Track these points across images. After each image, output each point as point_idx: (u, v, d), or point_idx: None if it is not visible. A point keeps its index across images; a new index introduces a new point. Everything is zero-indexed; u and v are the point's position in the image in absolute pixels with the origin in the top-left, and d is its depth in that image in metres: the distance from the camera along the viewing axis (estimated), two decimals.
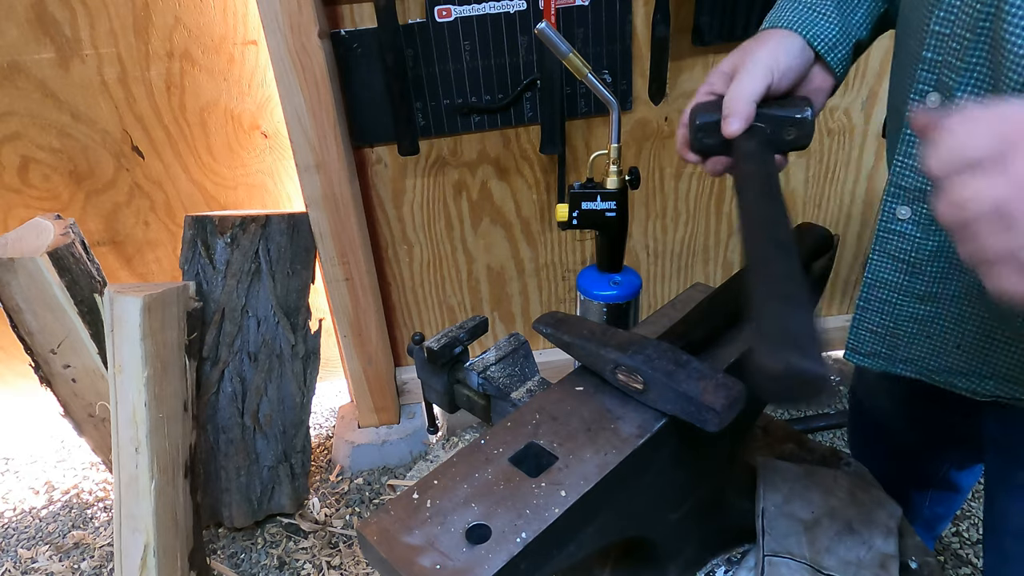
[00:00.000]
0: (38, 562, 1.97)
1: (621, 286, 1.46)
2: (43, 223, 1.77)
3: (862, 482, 0.90)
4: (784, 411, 2.30)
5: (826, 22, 0.81)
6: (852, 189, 2.06)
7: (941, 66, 0.69)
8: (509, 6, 1.67)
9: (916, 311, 0.84)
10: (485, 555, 0.53)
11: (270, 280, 1.85)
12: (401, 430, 2.20)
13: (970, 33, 0.65)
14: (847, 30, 0.83)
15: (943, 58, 0.69)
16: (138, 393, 1.58)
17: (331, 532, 1.99)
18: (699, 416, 0.62)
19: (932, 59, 0.70)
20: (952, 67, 0.67)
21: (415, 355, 0.94)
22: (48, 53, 1.74)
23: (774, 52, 0.78)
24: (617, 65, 1.77)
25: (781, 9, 0.83)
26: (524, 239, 2.05)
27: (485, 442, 0.65)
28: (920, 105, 0.74)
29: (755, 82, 0.75)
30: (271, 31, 1.58)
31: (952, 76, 0.68)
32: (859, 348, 0.92)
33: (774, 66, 0.77)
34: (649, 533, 0.76)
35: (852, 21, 0.84)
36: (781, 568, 0.79)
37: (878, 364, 0.90)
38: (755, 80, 0.75)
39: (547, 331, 0.75)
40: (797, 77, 0.80)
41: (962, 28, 0.65)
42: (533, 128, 1.86)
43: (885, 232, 0.82)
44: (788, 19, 0.81)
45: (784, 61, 0.78)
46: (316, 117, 1.69)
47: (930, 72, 0.71)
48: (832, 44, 0.82)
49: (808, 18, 0.81)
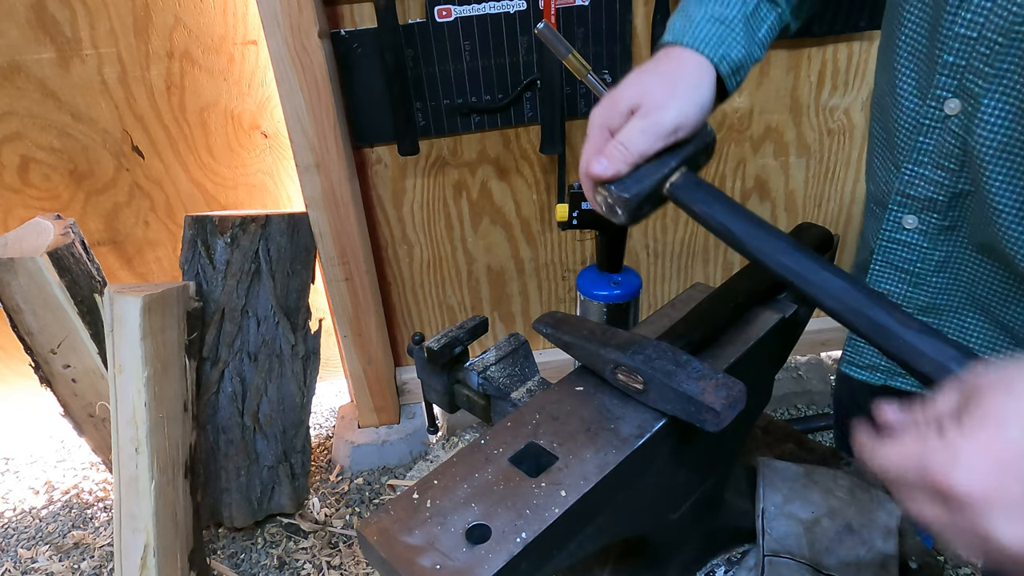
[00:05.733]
0: (38, 562, 1.97)
1: (621, 286, 1.46)
2: (43, 223, 1.77)
3: (862, 482, 0.90)
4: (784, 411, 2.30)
5: (734, 41, 0.73)
6: (852, 189, 2.06)
7: (965, 71, 0.66)
8: (509, 6, 1.67)
9: None
10: (485, 555, 0.53)
11: (270, 280, 1.85)
12: (401, 430, 2.20)
13: (1002, 38, 0.62)
14: (750, 50, 0.75)
15: (968, 63, 0.65)
16: (138, 393, 1.58)
17: (331, 532, 1.99)
18: (699, 416, 0.62)
19: (954, 63, 0.66)
20: (979, 72, 0.65)
21: (415, 355, 0.94)
22: (48, 53, 1.74)
23: (689, 99, 0.68)
24: (617, 65, 1.76)
25: (687, 19, 0.74)
26: (524, 239, 2.05)
27: (485, 442, 0.65)
28: (938, 111, 0.70)
29: (652, 142, 0.66)
30: (271, 31, 1.58)
31: (979, 82, 0.65)
32: (857, 360, 0.90)
33: (681, 124, 0.67)
34: (649, 533, 0.76)
35: (755, 39, 0.77)
36: (781, 568, 0.79)
37: (876, 378, 0.88)
38: (652, 140, 0.66)
39: (547, 331, 0.75)
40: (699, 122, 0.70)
41: (993, 32, 0.62)
42: (533, 128, 1.86)
43: (889, 242, 0.79)
44: (698, 36, 0.72)
45: (693, 116, 0.68)
46: (316, 117, 1.69)
47: (950, 77, 0.67)
48: (735, 67, 0.74)
49: (718, 35, 0.72)
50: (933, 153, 0.73)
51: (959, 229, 0.75)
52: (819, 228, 0.89)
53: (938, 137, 0.72)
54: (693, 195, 0.68)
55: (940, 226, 0.75)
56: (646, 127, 0.67)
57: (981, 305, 0.77)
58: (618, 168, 0.66)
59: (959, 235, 0.75)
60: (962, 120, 0.68)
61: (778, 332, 0.80)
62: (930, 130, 0.72)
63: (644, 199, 0.68)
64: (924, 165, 0.74)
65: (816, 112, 1.92)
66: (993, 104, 0.64)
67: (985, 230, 0.71)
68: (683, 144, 0.70)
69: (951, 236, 0.76)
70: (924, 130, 0.73)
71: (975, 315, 0.78)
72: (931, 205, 0.75)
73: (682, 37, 0.73)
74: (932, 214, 0.75)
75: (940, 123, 0.71)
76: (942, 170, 0.73)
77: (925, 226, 0.76)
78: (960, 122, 0.69)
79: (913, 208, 0.76)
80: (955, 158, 0.71)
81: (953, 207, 0.74)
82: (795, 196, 2.06)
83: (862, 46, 1.82)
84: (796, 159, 1.99)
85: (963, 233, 0.75)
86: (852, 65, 1.84)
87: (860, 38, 1.80)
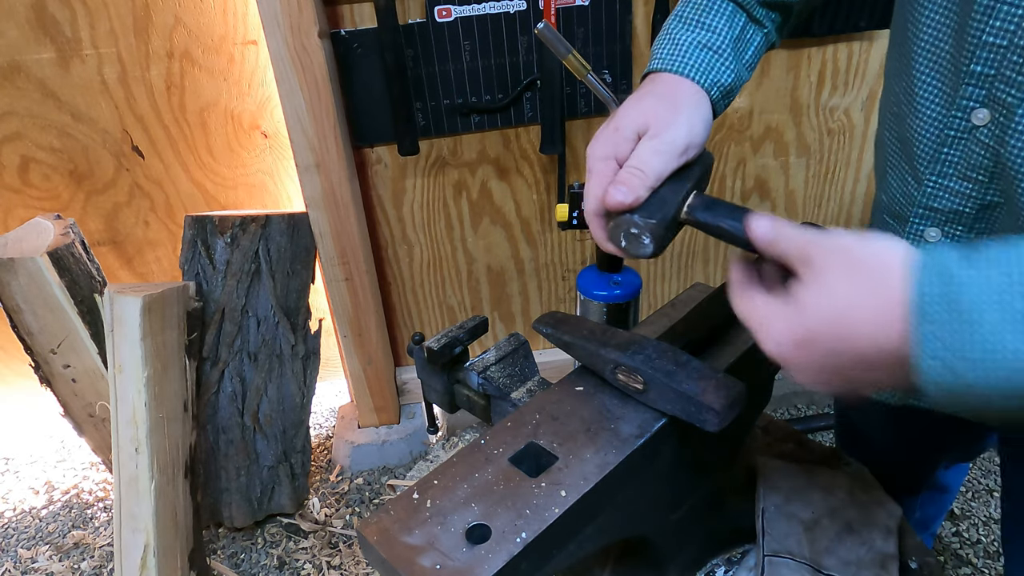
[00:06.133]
0: (38, 562, 1.97)
1: (621, 286, 1.46)
2: (43, 223, 1.77)
3: (862, 482, 0.90)
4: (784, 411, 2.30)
5: (723, 67, 0.73)
6: (852, 189, 2.06)
7: (995, 80, 0.63)
8: (509, 6, 1.67)
9: None
10: (485, 555, 0.53)
11: (270, 280, 1.85)
12: (401, 430, 2.20)
13: None
14: (739, 74, 0.75)
15: (998, 72, 0.63)
16: (138, 393, 1.58)
17: (331, 532, 1.99)
18: (699, 416, 0.62)
19: (983, 73, 0.64)
20: (1011, 82, 0.62)
21: (415, 355, 0.94)
22: (48, 53, 1.74)
23: (692, 125, 0.68)
24: (617, 65, 1.77)
25: (676, 46, 0.74)
26: (524, 239, 2.05)
27: (485, 442, 0.65)
28: (964, 121, 0.67)
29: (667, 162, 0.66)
30: (271, 31, 1.58)
31: (1011, 92, 0.62)
32: None
33: (691, 141, 0.67)
34: (649, 533, 0.76)
35: (743, 61, 0.77)
36: (781, 568, 0.79)
37: (892, 396, 0.88)
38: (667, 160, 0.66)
39: (547, 331, 0.75)
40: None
41: None
42: (533, 128, 1.86)
43: None
44: (689, 64, 0.72)
45: (701, 135, 0.69)
46: (316, 117, 1.69)
47: (979, 87, 0.65)
48: (726, 92, 0.74)
49: (708, 62, 0.72)
50: (959, 165, 0.70)
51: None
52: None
53: (964, 148, 0.69)
54: (716, 213, 0.65)
55: (965, 239, 0.73)
56: (658, 147, 0.65)
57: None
58: (638, 193, 0.64)
59: None
60: (992, 131, 0.66)
61: None
62: (956, 141, 0.69)
63: (668, 224, 0.65)
64: (949, 177, 0.71)
65: (816, 112, 1.92)
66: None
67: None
68: (691, 166, 0.69)
69: None
70: (949, 141, 0.70)
71: None
72: (956, 217, 0.72)
73: (671, 65, 0.72)
74: (957, 226, 0.73)
75: (967, 134, 0.68)
76: (969, 182, 0.70)
77: (949, 239, 0.74)
78: (990, 132, 0.66)
79: (936, 221, 0.74)
80: (984, 170, 0.68)
81: (980, 219, 0.72)
82: (795, 196, 2.06)
83: (862, 46, 1.82)
84: (796, 159, 1.99)
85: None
86: (852, 65, 1.84)
87: (860, 38, 1.80)
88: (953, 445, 1.12)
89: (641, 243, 0.65)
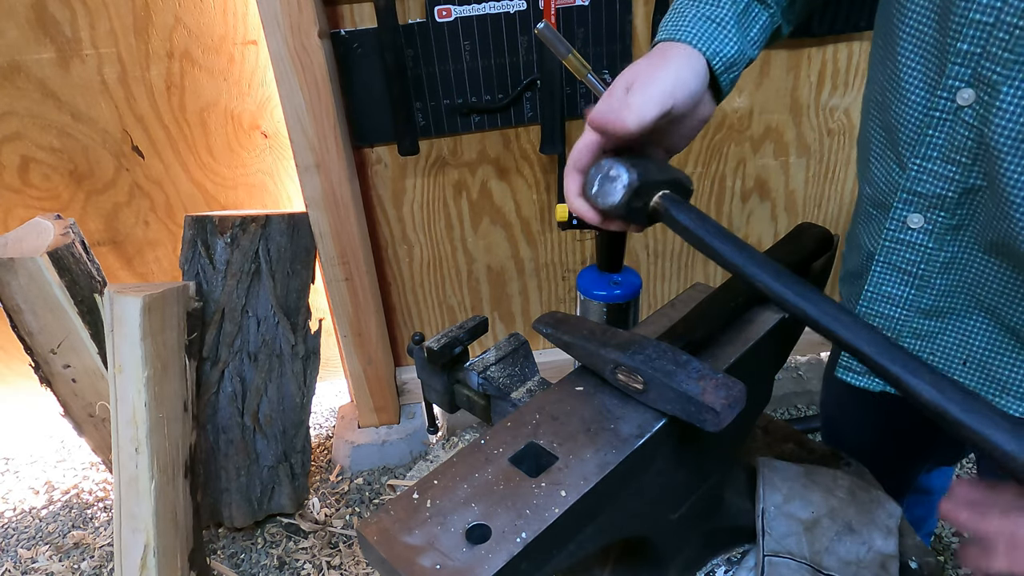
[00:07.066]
0: (38, 562, 1.97)
1: (621, 286, 1.46)
2: (43, 223, 1.77)
3: (862, 482, 0.90)
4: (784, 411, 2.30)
5: (726, 38, 0.73)
6: (852, 189, 2.06)
7: (981, 58, 0.63)
8: (509, 6, 1.67)
9: (920, 326, 0.80)
10: (485, 555, 0.53)
11: (270, 280, 1.85)
12: (401, 430, 2.20)
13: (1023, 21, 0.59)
14: (743, 49, 0.75)
15: (984, 50, 0.63)
16: (138, 393, 1.58)
17: (331, 532, 1.99)
18: (699, 416, 0.62)
19: (969, 51, 0.64)
20: (997, 59, 0.62)
21: (415, 355, 0.94)
22: (48, 53, 1.74)
23: (679, 73, 0.69)
24: (617, 65, 1.76)
25: (680, 17, 0.74)
26: (524, 239, 2.05)
27: (485, 442, 0.65)
28: (949, 102, 0.68)
29: (654, 102, 0.66)
30: (271, 31, 1.58)
31: (997, 69, 0.62)
32: (853, 365, 0.88)
33: (678, 89, 0.68)
34: (649, 533, 0.76)
35: (748, 37, 0.76)
36: (781, 568, 0.79)
37: (874, 384, 0.87)
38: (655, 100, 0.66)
39: (547, 331, 0.75)
40: (694, 104, 0.72)
41: (1014, 16, 0.60)
42: (533, 128, 1.86)
43: (892, 243, 0.77)
44: (690, 32, 0.72)
45: (692, 84, 0.69)
46: (316, 117, 1.69)
47: (964, 66, 0.65)
48: (729, 64, 0.74)
49: (710, 32, 0.72)
50: (943, 147, 0.70)
51: (967, 228, 0.73)
52: (819, 228, 0.89)
53: (949, 129, 0.69)
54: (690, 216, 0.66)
55: (947, 225, 0.73)
56: (644, 89, 0.66)
57: (987, 307, 0.76)
58: (622, 117, 0.64)
59: (966, 234, 0.74)
60: (976, 110, 0.66)
61: (778, 332, 0.80)
62: (940, 122, 0.70)
63: (641, 188, 0.66)
64: (933, 160, 0.71)
65: (816, 112, 1.92)
66: (1013, 91, 0.62)
67: (997, 227, 0.69)
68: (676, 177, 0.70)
69: (958, 236, 0.74)
70: (933, 123, 0.70)
71: (980, 318, 0.77)
72: (939, 202, 0.73)
73: (674, 34, 0.73)
74: (940, 212, 0.73)
75: (952, 115, 0.68)
76: (953, 164, 0.70)
77: (931, 225, 0.74)
78: (974, 112, 0.66)
79: (919, 206, 0.74)
80: (967, 151, 0.69)
81: (962, 204, 0.72)
82: (795, 196, 2.06)
83: (862, 46, 1.82)
84: (796, 159, 1.99)
85: (971, 232, 0.73)
86: (852, 65, 1.84)
87: (860, 38, 1.80)
88: (933, 448, 1.12)
89: (614, 189, 0.66)
